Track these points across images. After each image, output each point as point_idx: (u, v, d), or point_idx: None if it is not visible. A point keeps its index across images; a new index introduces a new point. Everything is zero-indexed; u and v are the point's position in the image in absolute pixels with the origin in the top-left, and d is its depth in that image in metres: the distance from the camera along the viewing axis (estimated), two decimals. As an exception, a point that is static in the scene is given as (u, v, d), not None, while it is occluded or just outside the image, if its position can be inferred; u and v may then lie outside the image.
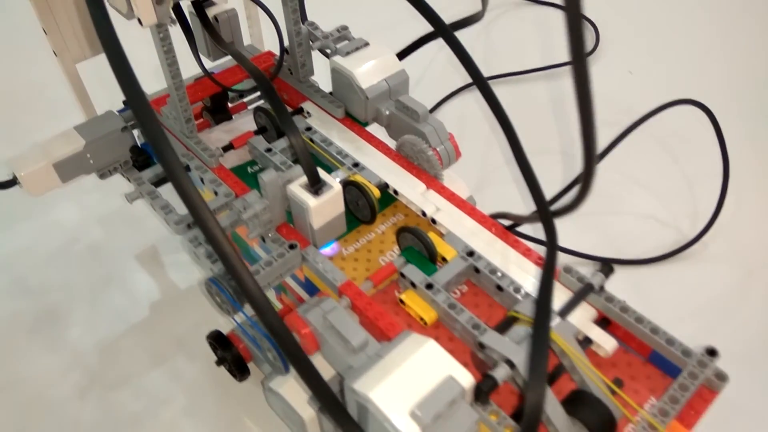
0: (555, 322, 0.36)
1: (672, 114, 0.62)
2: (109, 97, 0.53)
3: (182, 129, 0.48)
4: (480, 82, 0.40)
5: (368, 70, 0.49)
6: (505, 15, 0.93)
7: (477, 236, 0.43)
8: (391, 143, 0.50)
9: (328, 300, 0.36)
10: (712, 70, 0.83)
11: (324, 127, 0.51)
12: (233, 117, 0.56)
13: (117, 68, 0.30)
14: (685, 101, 0.57)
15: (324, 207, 0.40)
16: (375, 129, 0.51)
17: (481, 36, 0.88)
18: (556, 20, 0.91)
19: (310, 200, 0.40)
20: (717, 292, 0.57)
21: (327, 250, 0.44)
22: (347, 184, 0.45)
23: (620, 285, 0.43)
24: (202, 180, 0.47)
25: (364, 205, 0.45)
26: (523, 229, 0.59)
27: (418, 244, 0.42)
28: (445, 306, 0.38)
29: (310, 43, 0.52)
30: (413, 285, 0.40)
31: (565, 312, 0.37)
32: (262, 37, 0.62)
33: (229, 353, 0.47)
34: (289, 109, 0.51)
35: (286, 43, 0.52)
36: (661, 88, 0.78)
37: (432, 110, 0.77)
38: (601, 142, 0.70)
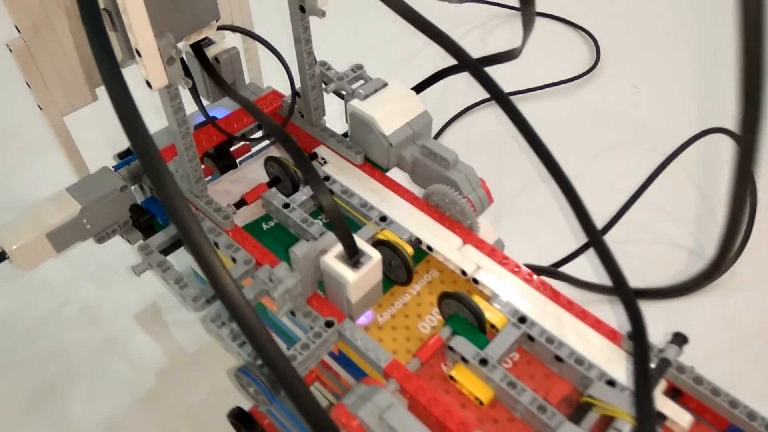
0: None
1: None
2: (91, 145, 0.49)
3: (191, 188, 0.43)
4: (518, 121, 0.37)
5: (390, 115, 0.46)
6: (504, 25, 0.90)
7: (526, 298, 0.39)
8: (414, 188, 0.47)
9: (381, 393, 0.33)
10: (720, 84, 0.81)
11: (343, 175, 0.47)
12: (238, 163, 0.52)
13: (126, 118, 0.26)
14: (716, 130, 0.55)
15: (363, 280, 0.37)
16: (395, 173, 0.48)
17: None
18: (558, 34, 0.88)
19: (348, 275, 0.36)
20: (753, 321, 0.55)
21: (361, 319, 0.40)
22: (378, 244, 0.41)
23: (651, 317, 0.40)
24: (216, 245, 0.42)
25: (399, 266, 0.41)
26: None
27: (464, 311, 0.38)
28: (503, 385, 0.35)
29: (323, 85, 0.48)
30: (464, 360, 0.36)
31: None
32: (261, 73, 0.57)
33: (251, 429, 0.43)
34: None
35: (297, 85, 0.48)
36: (667, 102, 0.77)
37: (437, 135, 0.74)
38: (619, 164, 0.68)
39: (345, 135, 0.50)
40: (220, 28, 0.46)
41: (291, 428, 0.42)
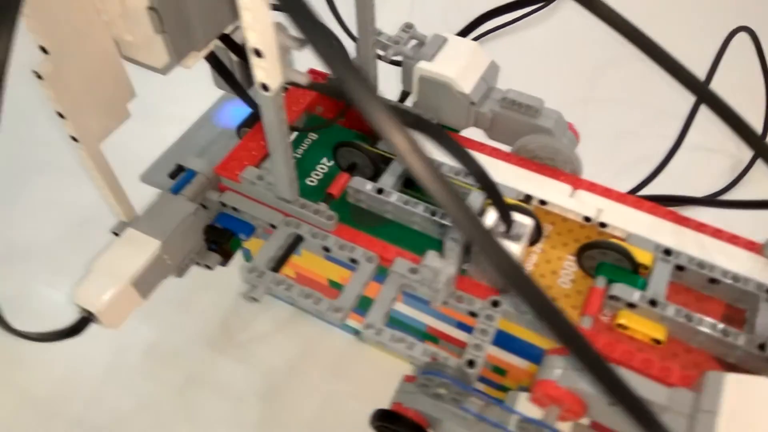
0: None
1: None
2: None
3: (284, 194, 0.39)
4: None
5: (465, 72, 0.43)
6: None
7: (659, 230, 0.39)
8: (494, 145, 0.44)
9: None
10: None
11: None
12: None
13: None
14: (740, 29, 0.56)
15: (523, 249, 0.35)
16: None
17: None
18: None
19: (512, 247, 0.34)
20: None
21: (505, 290, 0.38)
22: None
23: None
24: (327, 249, 0.39)
25: (524, 228, 0.39)
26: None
27: (609, 257, 0.38)
28: (680, 319, 0.35)
29: (379, 52, 0.44)
30: (630, 305, 0.36)
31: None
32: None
33: (405, 426, 0.41)
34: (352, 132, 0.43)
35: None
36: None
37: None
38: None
39: (401, 100, 0.47)
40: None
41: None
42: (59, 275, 0.53)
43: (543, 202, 0.41)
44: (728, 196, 0.57)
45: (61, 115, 0.36)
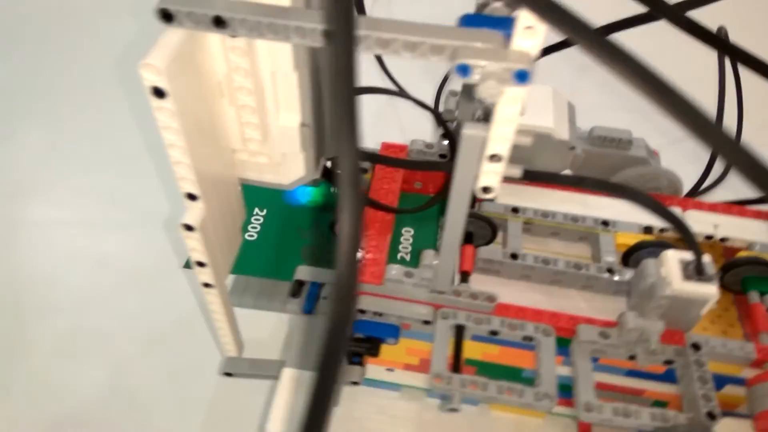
0: None
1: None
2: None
3: (443, 286, 0.36)
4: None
5: (557, 118, 0.42)
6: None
7: (771, 233, 0.41)
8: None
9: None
10: None
11: (514, 197, 0.43)
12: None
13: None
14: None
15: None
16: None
17: None
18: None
19: (709, 290, 0.34)
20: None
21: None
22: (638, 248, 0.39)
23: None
24: (494, 333, 0.36)
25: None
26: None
27: (754, 270, 0.39)
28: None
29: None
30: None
31: None
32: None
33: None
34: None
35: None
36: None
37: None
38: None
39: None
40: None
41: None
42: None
43: (663, 231, 0.42)
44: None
45: (201, 264, 0.30)
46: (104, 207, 0.58)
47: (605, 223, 0.42)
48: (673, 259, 0.34)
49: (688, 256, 0.35)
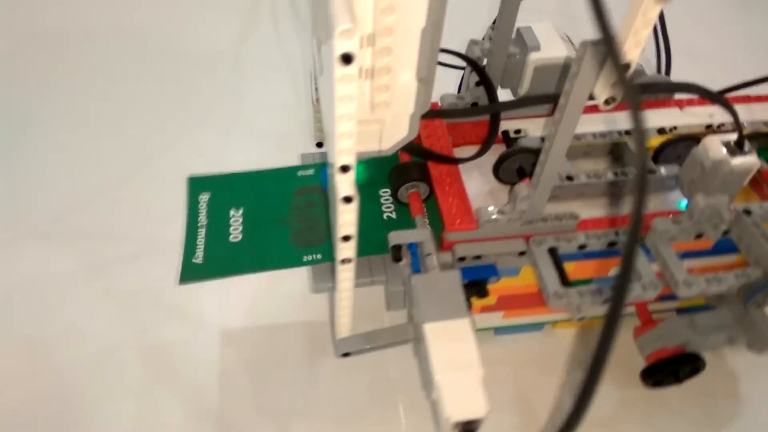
0: None
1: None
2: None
3: (537, 213, 0.38)
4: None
5: (566, 47, 0.46)
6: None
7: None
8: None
9: None
10: None
11: (542, 129, 0.47)
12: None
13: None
14: None
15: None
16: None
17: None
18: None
19: (753, 160, 0.39)
20: None
21: None
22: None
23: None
24: (582, 246, 0.40)
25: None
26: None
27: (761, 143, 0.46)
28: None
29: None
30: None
31: None
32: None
33: (677, 363, 0.44)
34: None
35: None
36: None
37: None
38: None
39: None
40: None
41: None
42: None
43: (673, 129, 0.47)
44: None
45: (347, 239, 0.30)
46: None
47: (627, 132, 0.46)
48: (715, 142, 0.39)
49: (723, 138, 0.40)
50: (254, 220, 0.44)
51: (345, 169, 0.28)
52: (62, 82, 0.72)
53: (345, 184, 0.28)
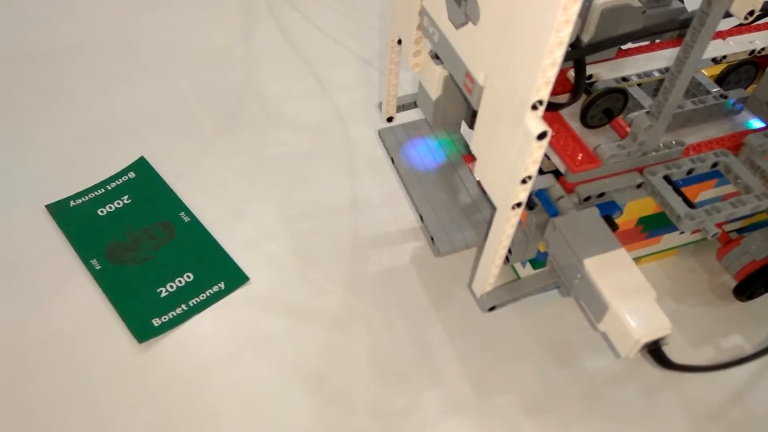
0: None
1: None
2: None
3: (656, 142, 0.40)
4: None
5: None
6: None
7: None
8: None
9: None
10: None
11: (613, 71, 0.48)
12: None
13: None
14: None
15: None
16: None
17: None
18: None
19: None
20: None
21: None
22: None
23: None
24: (690, 171, 0.41)
25: None
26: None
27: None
28: None
29: None
30: None
31: None
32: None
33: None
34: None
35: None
36: None
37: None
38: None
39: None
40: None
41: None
42: None
43: (723, 58, 0.50)
44: None
45: (528, 178, 0.31)
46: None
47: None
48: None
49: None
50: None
51: (537, 105, 0.28)
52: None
53: (536, 121, 0.28)
